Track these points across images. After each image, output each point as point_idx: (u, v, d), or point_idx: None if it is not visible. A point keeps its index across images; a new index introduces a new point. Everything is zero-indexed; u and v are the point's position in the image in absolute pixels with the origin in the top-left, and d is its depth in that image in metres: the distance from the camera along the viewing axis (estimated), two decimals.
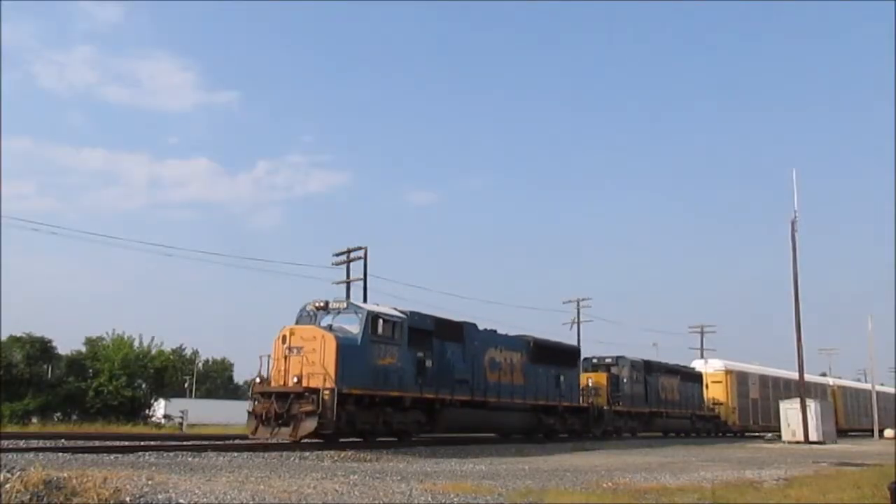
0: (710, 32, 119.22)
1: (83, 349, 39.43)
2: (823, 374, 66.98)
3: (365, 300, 32.23)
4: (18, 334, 37.12)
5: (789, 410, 34.72)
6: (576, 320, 51.24)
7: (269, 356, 17.82)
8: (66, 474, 7.46)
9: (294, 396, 16.52)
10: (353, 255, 36.62)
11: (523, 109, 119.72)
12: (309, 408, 16.23)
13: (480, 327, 23.37)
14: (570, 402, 26.97)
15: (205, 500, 7.06)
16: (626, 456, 18.78)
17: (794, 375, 48.95)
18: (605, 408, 29.50)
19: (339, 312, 18.48)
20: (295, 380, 16.70)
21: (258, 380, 17.71)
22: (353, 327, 18.04)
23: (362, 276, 36.01)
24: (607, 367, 31.84)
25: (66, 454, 11.33)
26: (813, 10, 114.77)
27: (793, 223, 34.68)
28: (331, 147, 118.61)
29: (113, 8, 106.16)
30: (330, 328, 17.74)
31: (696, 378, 39.63)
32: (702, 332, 63.18)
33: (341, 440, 17.76)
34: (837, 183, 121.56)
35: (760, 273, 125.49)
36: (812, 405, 34.08)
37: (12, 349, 36.46)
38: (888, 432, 47.42)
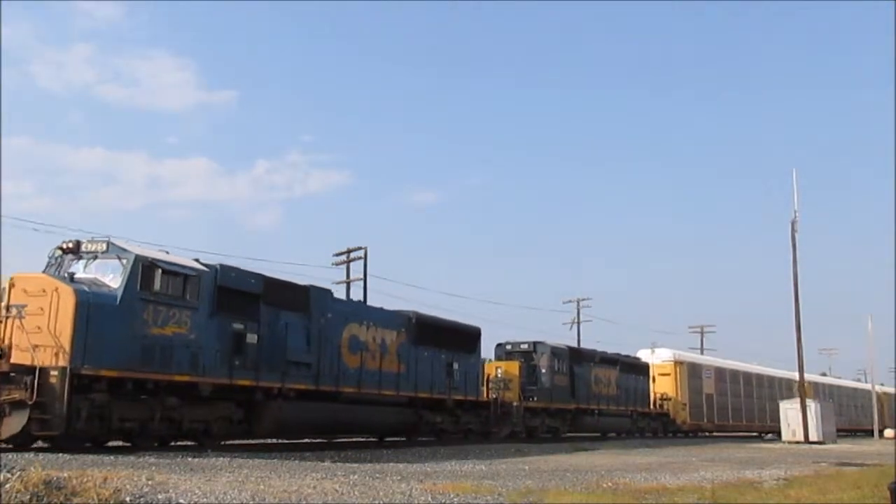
0: (711, 31, 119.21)
1: None
2: (824, 374, 67.01)
3: (365, 300, 31.77)
4: None
5: (789, 410, 34.74)
6: (576, 320, 51.33)
7: None
8: (66, 474, 7.47)
9: None
10: (353, 255, 36.67)
11: (524, 108, 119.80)
12: (16, 395, 11.21)
13: (340, 297, 18.93)
14: (465, 394, 21.93)
15: (205, 500, 7.06)
16: (626, 456, 18.78)
17: (755, 368, 47.01)
18: (513, 404, 24.35)
19: (95, 257, 13.12)
20: None
21: None
22: (114, 279, 12.76)
23: (362, 276, 36.05)
24: (524, 356, 26.76)
25: (66, 454, 11.33)
26: (814, 9, 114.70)
27: (793, 223, 34.67)
28: (330, 146, 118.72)
29: (112, 6, 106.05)
30: (72, 278, 12.53)
31: (640, 370, 34.69)
32: (702, 332, 63.35)
33: (108, 444, 13.11)
34: (837, 183, 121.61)
35: (760, 273, 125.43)
36: (812, 405, 34.09)
37: None
38: (888, 432, 47.41)
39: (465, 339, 22.82)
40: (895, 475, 10.34)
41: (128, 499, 6.78)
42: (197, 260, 14.56)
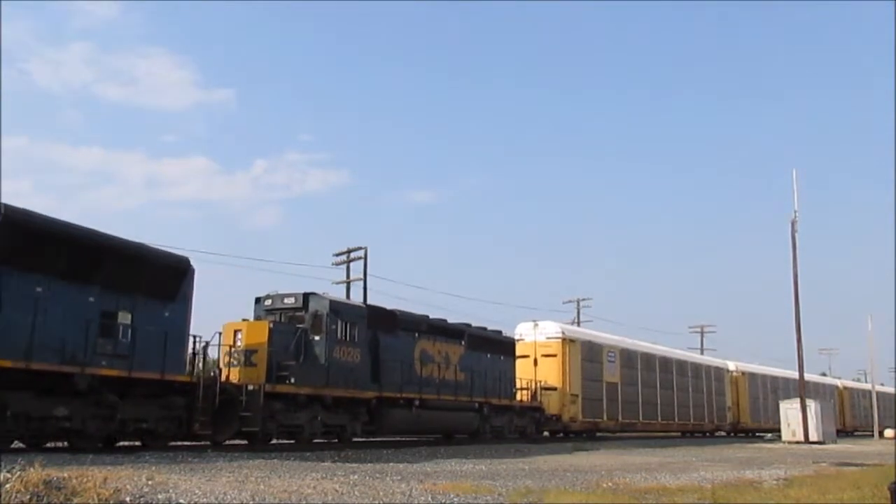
0: (711, 31, 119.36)
1: None
2: (823, 374, 66.92)
3: (365, 300, 31.83)
4: None
5: (789, 410, 34.76)
6: (576, 320, 51.30)
7: None
8: (66, 474, 7.47)
9: None
10: (353, 255, 36.69)
11: (524, 108, 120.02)
12: None
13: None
14: (130, 370, 12.77)
15: (205, 500, 7.06)
16: (626, 456, 18.76)
17: (677, 354, 38.33)
18: (248, 387, 15.10)
19: None
20: None
21: None
22: None
23: (362, 276, 36.05)
24: (289, 314, 17.45)
25: (66, 454, 11.33)
26: (814, 9, 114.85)
27: (793, 223, 34.70)
28: (329, 145, 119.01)
29: (110, 5, 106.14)
30: None
31: (501, 347, 24.69)
32: (702, 332, 63.31)
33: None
34: (837, 183, 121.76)
35: (761, 273, 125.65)
36: (812, 405, 34.12)
37: None
38: (888, 432, 47.41)
39: (148, 273, 13.39)
40: (895, 475, 10.34)
41: (128, 499, 6.78)
42: None
